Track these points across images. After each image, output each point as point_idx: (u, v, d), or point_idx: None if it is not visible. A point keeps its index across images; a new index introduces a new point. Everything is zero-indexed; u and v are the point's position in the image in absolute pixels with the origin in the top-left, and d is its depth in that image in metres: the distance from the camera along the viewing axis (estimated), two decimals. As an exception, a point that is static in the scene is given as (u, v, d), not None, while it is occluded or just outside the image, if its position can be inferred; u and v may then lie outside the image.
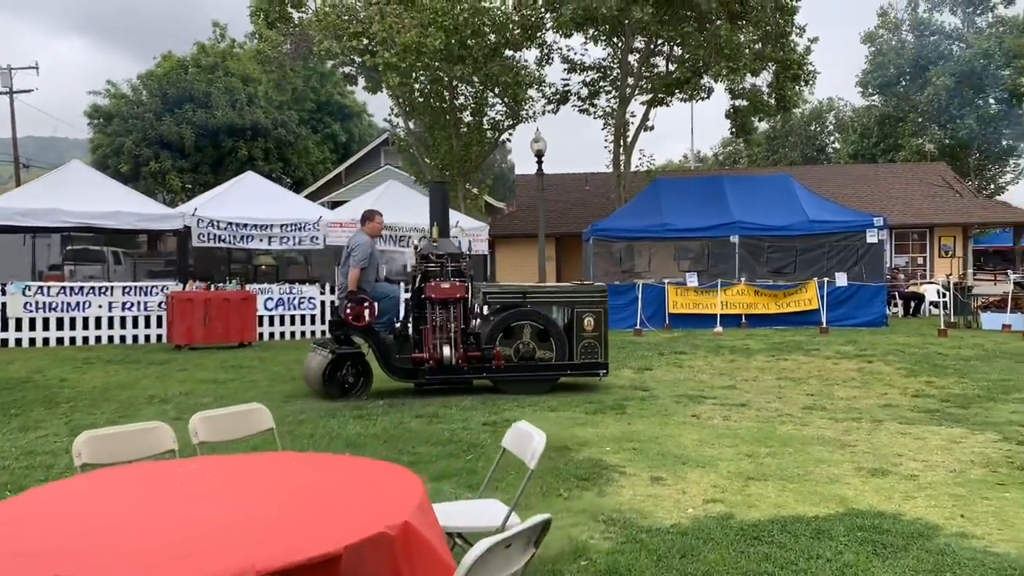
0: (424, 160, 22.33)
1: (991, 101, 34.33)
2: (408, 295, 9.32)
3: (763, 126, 47.01)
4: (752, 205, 17.76)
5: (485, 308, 9.04)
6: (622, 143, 21.95)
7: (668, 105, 21.74)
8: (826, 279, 16.68)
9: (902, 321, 18.70)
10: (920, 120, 35.47)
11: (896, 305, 20.03)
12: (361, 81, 22.62)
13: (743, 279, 17.00)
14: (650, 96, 21.58)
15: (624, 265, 18.23)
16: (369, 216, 9.13)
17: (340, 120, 41.73)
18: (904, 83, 36.15)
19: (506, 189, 28.09)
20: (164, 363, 11.66)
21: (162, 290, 14.46)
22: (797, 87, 20.42)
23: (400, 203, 17.10)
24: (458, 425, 7.07)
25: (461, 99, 21.92)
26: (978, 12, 34.95)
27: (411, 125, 22.83)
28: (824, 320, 16.07)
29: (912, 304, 20.11)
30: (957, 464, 5.77)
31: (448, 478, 5.41)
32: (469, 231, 17.27)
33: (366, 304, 8.36)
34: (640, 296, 16.33)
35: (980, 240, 32.42)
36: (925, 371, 10.35)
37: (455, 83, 20.80)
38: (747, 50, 18.25)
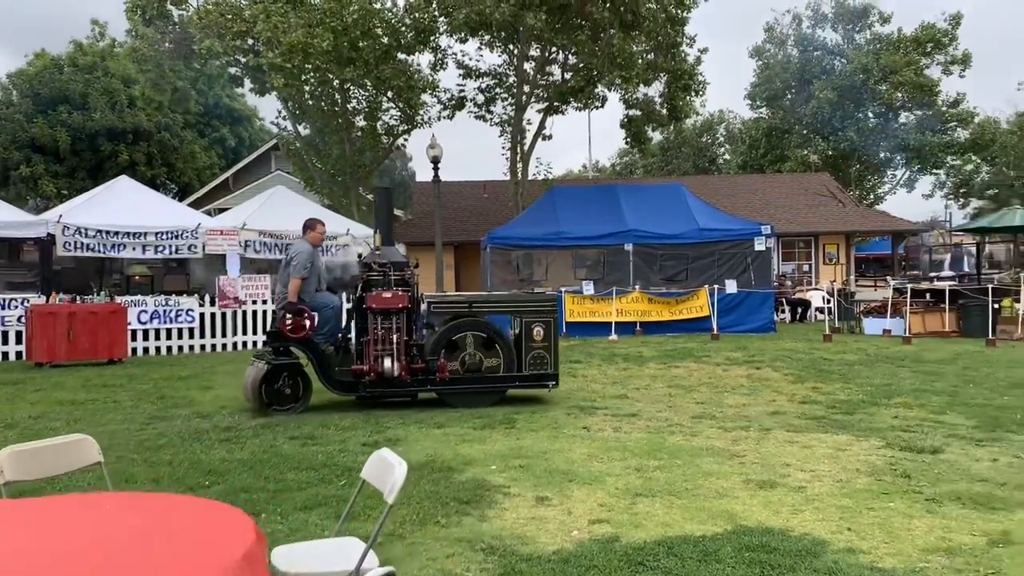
0: (315, 165, 21.59)
1: (870, 115, 36.02)
2: (352, 305, 8.93)
3: (657, 137, 48.13)
4: (645, 214, 17.87)
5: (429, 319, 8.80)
6: (519, 151, 21.82)
7: (563, 113, 21.79)
8: (716, 286, 16.90)
9: (789, 327, 19.19)
10: (805, 132, 36.87)
11: (784, 311, 20.56)
12: (248, 83, 21.72)
13: (637, 287, 17.06)
14: (546, 104, 21.52)
15: (522, 273, 18.04)
16: (311, 225, 8.90)
17: (229, 124, 40.18)
18: (790, 96, 37.50)
19: (406, 197, 27.55)
20: (18, 383, 10.67)
21: (22, 303, 13.32)
22: (688, 97, 20.76)
23: (286, 210, 16.39)
24: (335, 447, 6.60)
25: (354, 103, 21.31)
26: (857, 29, 36.62)
27: (301, 129, 22.05)
28: (715, 327, 16.28)
29: (799, 310, 20.69)
30: (843, 473, 5.71)
31: (317, 508, 4.96)
32: (361, 239, 16.71)
33: (304, 315, 8.12)
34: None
35: (861, 248, 33.85)
36: (812, 377, 10.48)
37: (347, 86, 20.19)
38: (640, 60, 18.41)
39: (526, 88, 20.73)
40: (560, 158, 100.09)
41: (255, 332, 15.48)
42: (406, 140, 23.76)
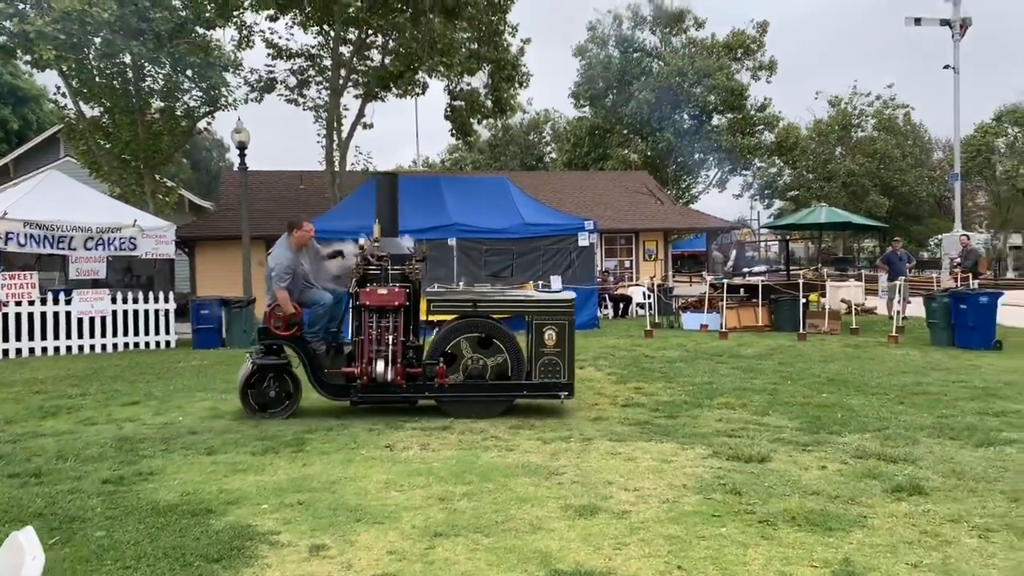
0: (102, 149, 19.21)
1: (685, 116, 37.32)
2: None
3: (485, 133, 47.88)
4: (469, 207, 17.12)
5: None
6: (336, 138, 20.46)
7: (383, 100, 20.63)
8: (541, 282, 16.41)
9: (612, 323, 19.10)
10: (626, 132, 37.68)
11: (607, 307, 20.52)
12: (21, 54, 19.00)
13: (462, 283, 16.24)
14: (364, 90, 20.27)
15: (338, 269, 16.74)
16: (295, 224, 8.00)
17: (12, 104, 35.87)
18: (611, 96, 38.21)
19: (211, 185, 25.37)
20: None
21: None
22: (512, 89, 20.26)
23: (61, 198, 14.28)
24: (65, 487, 5.26)
25: (149, 81, 19.15)
26: (673, 33, 37.85)
27: (87, 109, 19.57)
28: (540, 324, 15.75)
29: (621, 306, 20.72)
30: (670, 491, 5.09)
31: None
32: (150, 231, 14.86)
33: (293, 312, 7.58)
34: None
35: (678, 245, 34.99)
36: (634, 376, 10.06)
37: (141, 63, 18.06)
38: (462, 48, 17.65)
39: (342, 72, 19.41)
40: (391, 153, 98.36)
41: (19, 338, 13.34)
42: (209, 123, 21.72)
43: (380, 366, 7.31)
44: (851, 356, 11.94)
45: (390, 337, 7.37)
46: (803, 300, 15.48)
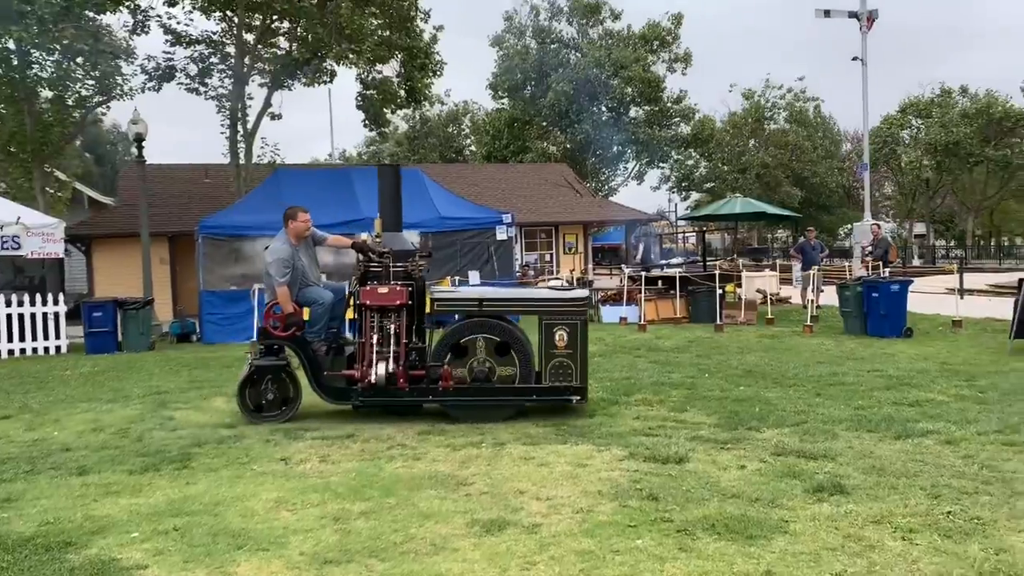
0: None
1: (604, 108, 37.40)
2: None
3: (403, 125, 47.12)
4: (382, 200, 16.55)
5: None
6: (242, 130, 19.57)
7: (291, 89, 19.83)
8: (458, 277, 16.02)
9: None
10: (545, 124, 37.52)
11: (527, 301, 20.22)
12: None
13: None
14: (270, 78, 19.42)
15: (240, 267, 15.96)
16: (291, 215, 7.55)
17: None
18: (530, 88, 38.00)
19: (110, 179, 24.04)
20: None
21: None
22: (426, 78, 19.73)
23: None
24: (-100, 520, 4.61)
25: (36, 69, 17.90)
26: (590, 24, 37.85)
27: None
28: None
29: (541, 299, 20.46)
30: (584, 500, 4.77)
31: None
32: (36, 229, 13.84)
33: (291, 311, 7.19)
34: (257, 303, 14.25)
35: (597, 238, 35.06)
36: (552, 373, 9.75)
37: (27, 48, 16.83)
38: (372, 34, 17.04)
39: (246, 60, 18.53)
40: (306, 146, 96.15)
41: None
42: (103, 114, 20.50)
43: (381, 368, 6.96)
44: (767, 347, 11.93)
45: (392, 338, 7.03)
46: (720, 291, 15.51)
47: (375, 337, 7.03)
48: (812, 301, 15.70)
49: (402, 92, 20.25)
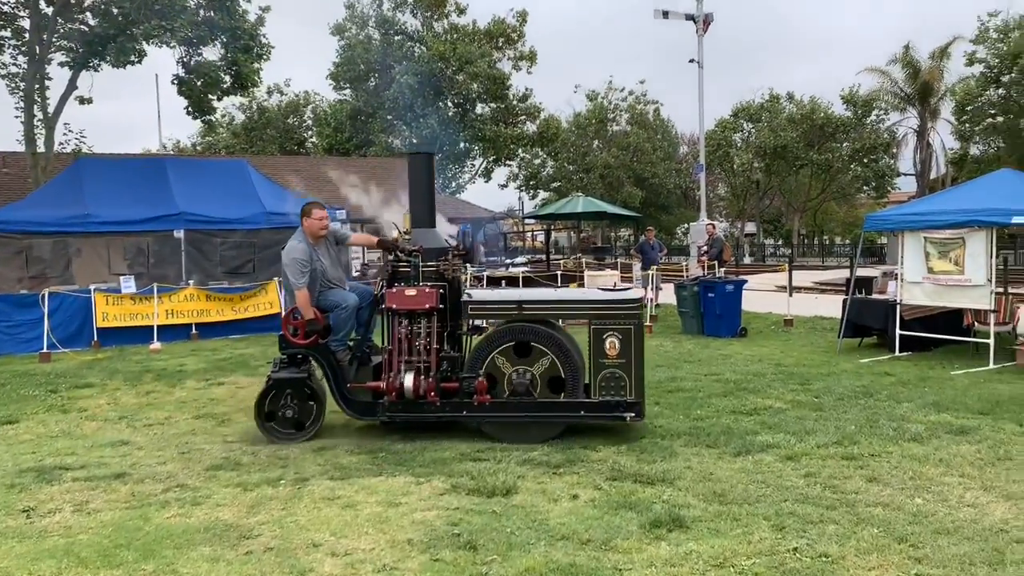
0: None
1: (450, 104, 36.73)
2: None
3: (240, 115, 44.56)
4: (201, 194, 15.06)
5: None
6: (41, 114, 17.41)
7: (98, 70, 17.77)
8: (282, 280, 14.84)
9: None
10: (389, 117, 36.41)
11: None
12: None
13: (192, 281, 14.27)
14: (73, 57, 17.34)
15: (33, 268, 14.06)
16: (306, 211, 6.76)
17: None
18: (374, 80, 36.77)
19: None
20: None
21: None
22: (253, 63, 18.26)
23: None
24: None
25: None
26: (435, 18, 37.07)
27: None
28: (286, 325, 14.19)
29: (382, 300, 19.55)
30: (390, 553, 4.02)
31: None
32: None
33: (312, 316, 6.45)
34: (47, 309, 12.52)
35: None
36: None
37: None
38: (185, 11, 15.50)
39: (44, 35, 16.43)
40: (137, 136, 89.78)
41: None
42: None
43: (409, 380, 6.20)
44: (609, 349, 11.59)
45: (421, 346, 6.30)
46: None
47: (403, 345, 6.29)
48: (651, 300, 15.65)
49: (227, 78, 18.69)
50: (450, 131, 36.24)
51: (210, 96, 19.80)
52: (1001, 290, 11.04)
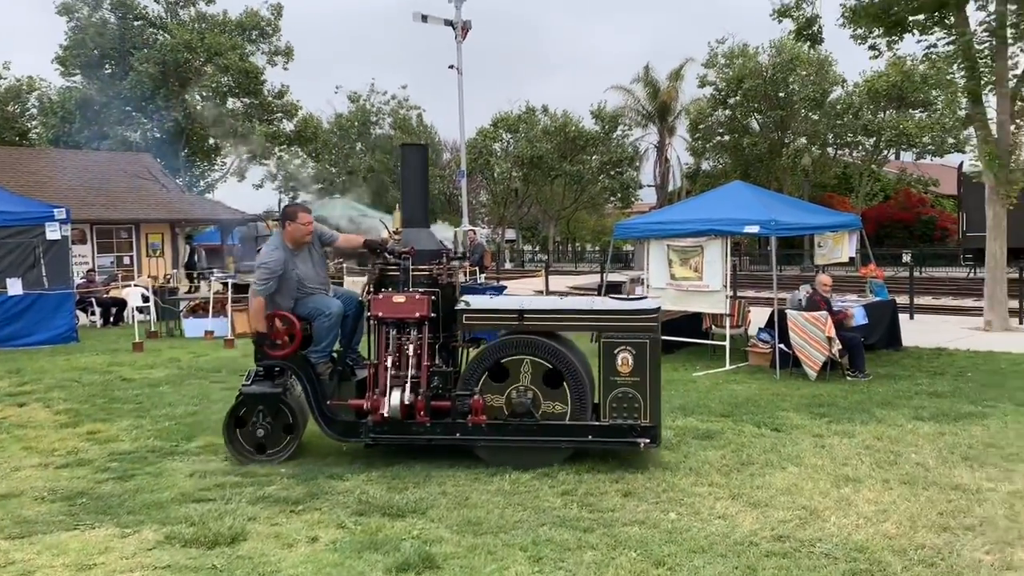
0: None
1: (198, 97, 34.13)
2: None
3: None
4: None
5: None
6: None
7: None
8: (-9, 287, 12.75)
9: (101, 332, 15.88)
10: (128, 108, 33.15)
11: (94, 313, 17.15)
12: None
13: None
14: None
15: None
16: (290, 214, 6.01)
17: None
18: (109, 66, 33.30)
19: None
20: None
21: None
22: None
23: None
24: None
25: None
26: (181, 5, 34.32)
27: None
28: (-12, 341, 12.20)
29: (114, 311, 17.49)
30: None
31: None
32: None
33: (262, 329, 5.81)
34: None
35: (199, 238, 31.82)
36: (95, 412, 7.70)
37: None
38: None
39: None
40: None
41: None
42: None
43: (396, 397, 5.53)
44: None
45: (410, 359, 5.62)
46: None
47: (390, 358, 5.64)
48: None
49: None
50: (198, 125, 33.70)
51: None
52: (733, 294, 11.84)
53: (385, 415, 5.55)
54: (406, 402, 5.55)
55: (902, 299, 15.08)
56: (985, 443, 6.13)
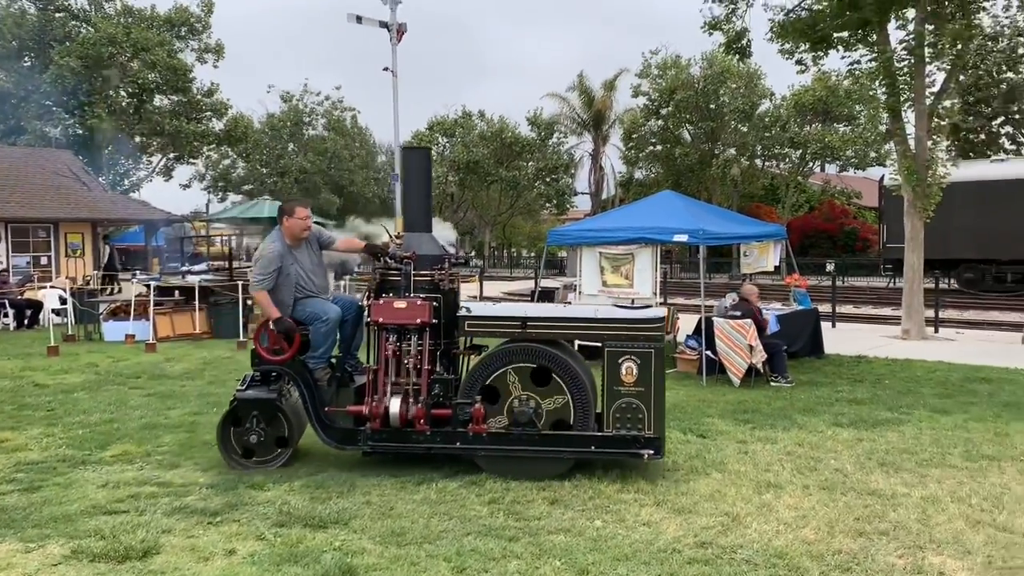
0: None
1: (123, 93, 33.06)
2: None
3: None
4: None
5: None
6: None
7: None
8: None
9: (14, 336, 15.22)
10: (47, 103, 31.92)
11: (7, 316, 16.43)
12: None
13: None
14: None
15: None
16: (287, 210, 5.95)
17: None
18: (28, 59, 32.02)
19: None
20: None
21: None
22: None
23: None
24: None
25: None
26: (106, -1, 33.34)
27: None
28: None
29: (28, 313, 16.78)
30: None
31: None
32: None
33: (277, 316, 5.70)
34: None
35: (116, 239, 30.82)
36: (2, 420, 7.35)
37: None
38: None
39: None
40: None
41: None
42: None
43: (396, 405, 5.46)
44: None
45: (410, 366, 5.54)
46: (247, 302, 14.01)
47: (390, 365, 5.56)
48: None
49: None
50: (122, 122, 32.65)
51: None
52: (663, 301, 12.00)
53: (384, 423, 5.50)
54: (406, 409, 5.49)
55: (825, 308, 15.50)
56: (900, 449, 6.32)
